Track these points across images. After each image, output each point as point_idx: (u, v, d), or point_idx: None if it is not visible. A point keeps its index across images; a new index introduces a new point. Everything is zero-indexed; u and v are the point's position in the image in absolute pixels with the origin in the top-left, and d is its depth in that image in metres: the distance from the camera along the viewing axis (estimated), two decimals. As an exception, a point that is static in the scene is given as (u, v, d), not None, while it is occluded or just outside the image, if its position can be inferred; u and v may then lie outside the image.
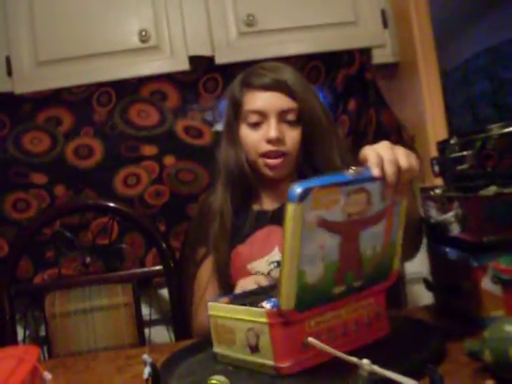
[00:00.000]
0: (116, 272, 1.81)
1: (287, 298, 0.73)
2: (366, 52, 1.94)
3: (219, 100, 1.89)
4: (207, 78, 1.89)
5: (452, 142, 0.91)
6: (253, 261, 1.19)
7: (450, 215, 0.87)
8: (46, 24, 1.79)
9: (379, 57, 1.96)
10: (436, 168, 0.97)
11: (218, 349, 0.85)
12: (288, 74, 1.21)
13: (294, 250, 0.72)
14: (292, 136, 1.20)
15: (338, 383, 0.72)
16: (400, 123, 1.98)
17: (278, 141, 1.18)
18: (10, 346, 1.44)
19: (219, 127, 1.86)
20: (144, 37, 1.79)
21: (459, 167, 0.87)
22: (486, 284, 0.79)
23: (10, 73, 1.78)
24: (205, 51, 1.81)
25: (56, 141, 1.88)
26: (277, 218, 1.22)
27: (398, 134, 1.97)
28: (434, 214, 0.95)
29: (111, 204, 1.66)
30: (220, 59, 1.80)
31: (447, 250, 0.93)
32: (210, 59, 1.81)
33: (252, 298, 0.88)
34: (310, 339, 0.71)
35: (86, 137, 1.89)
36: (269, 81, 1.19)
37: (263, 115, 1.19)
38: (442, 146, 0.96)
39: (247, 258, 1.20)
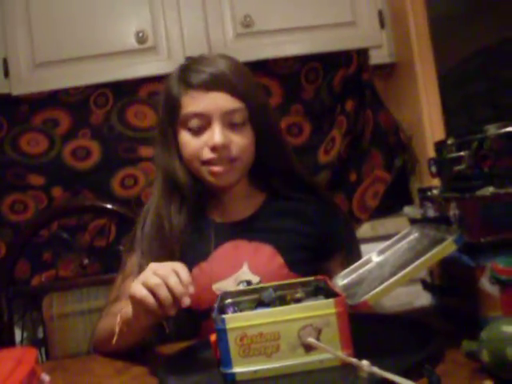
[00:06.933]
0: (114, 273, 1.81)
1: (380, 295, 0.75)
2: (363, 53, 1.95)
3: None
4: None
5: (449, 142, 0.91)
6: (218, 281, 1.07)
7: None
8: (43, 26, 1.79)
9: (376, 57, 1.97)
10: (433, 168, 0.97)
11: (242, 367, 0.74)
12: (227, 67, 1.06)
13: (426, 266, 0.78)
14: (239, 141, 1.06)
15: (337, 384, 0.72)
16: (397, 124, 1.99)
17: (224, 147, 1.04)
18: (8, 347, 1.43)
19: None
20: (141, 38, 1.79)
21: (456, 168, 0.87)
22: (484, 284, 0.79)
23: (7, 74, 1.78)
24: (202, 52, 1.81)
25: (53, 142, 1.88)
26: (242, 231, 1.11)
27: (395, 135, 1.97)
28: (432, 215, 0.95)
29: (109, 205, 1.65)
30: (217, 60, 1.80)
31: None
32: (208, 60, 1.80)
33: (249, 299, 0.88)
34: (310, 339, 0.71)
35: (84, 138, 1.89)
36: (208, 78, 1.04)
37: (205, 119, 1.05)
38: (439, 146, 0.96)
39: (212, 277, 1.07)
